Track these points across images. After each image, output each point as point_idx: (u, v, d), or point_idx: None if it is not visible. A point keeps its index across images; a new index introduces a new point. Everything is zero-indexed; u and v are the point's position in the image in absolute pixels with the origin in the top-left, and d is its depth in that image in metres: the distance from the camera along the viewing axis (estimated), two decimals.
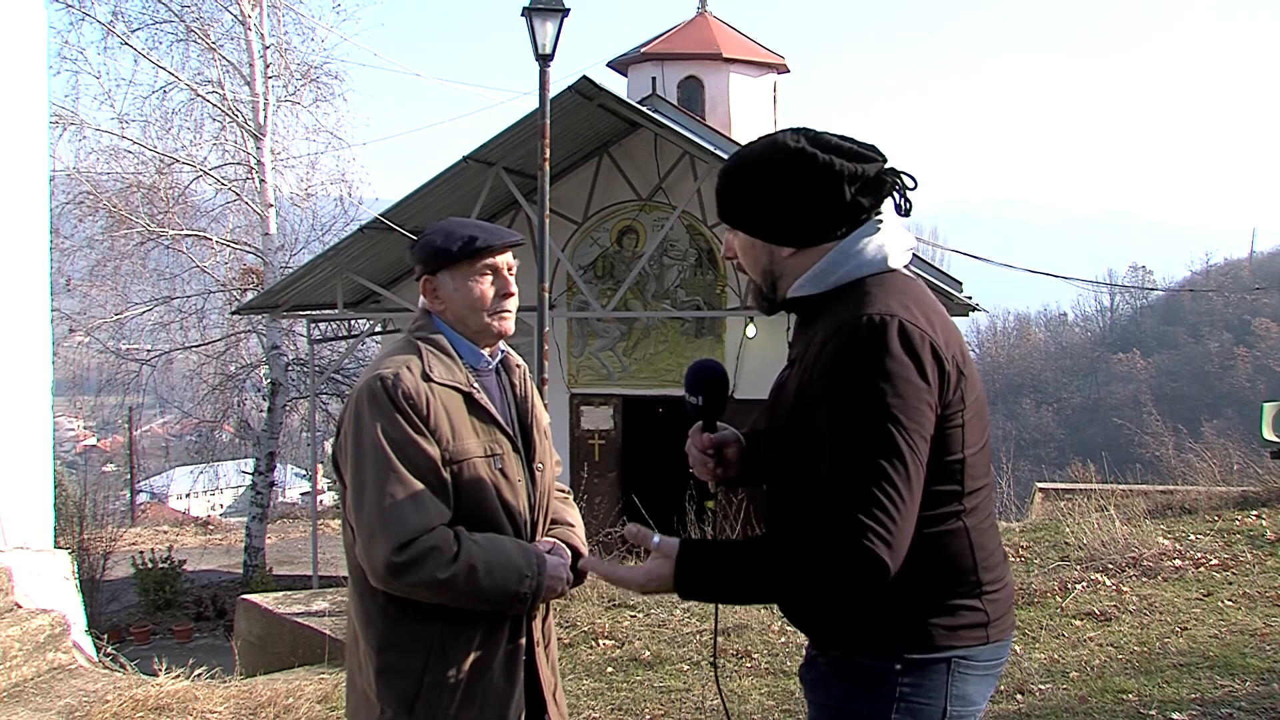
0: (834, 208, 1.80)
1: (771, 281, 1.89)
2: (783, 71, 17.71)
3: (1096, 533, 6.35)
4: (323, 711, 4.35)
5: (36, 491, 5.50)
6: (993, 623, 1.81)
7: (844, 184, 1.78)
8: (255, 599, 6.80)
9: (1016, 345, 73.34)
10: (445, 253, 2.21)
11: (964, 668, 1.78)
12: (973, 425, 1.79)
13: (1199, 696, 4.09)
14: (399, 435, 2.06)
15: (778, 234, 1.85)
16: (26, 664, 4.66)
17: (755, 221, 1.86)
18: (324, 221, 18.31)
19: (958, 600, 1.78)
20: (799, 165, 1.79)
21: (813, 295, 1.83)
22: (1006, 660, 1.92)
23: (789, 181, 1.80)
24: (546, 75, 9.21)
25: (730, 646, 5.10)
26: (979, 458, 1.80)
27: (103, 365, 18.16)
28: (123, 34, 16.22)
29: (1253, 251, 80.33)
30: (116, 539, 14.16)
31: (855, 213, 1.81)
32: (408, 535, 2.02)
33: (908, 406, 1.66)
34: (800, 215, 1.81)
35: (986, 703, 1.88)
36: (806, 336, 1.85)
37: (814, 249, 1.83)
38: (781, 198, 1.81)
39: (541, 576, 2.13)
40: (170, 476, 31.29)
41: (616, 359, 14.36)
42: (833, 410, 1.69)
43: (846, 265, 1.80)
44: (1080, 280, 65.20)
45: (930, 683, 1.77)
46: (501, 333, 2.26)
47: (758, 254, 1.88)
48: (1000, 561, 1.87)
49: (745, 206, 1.86)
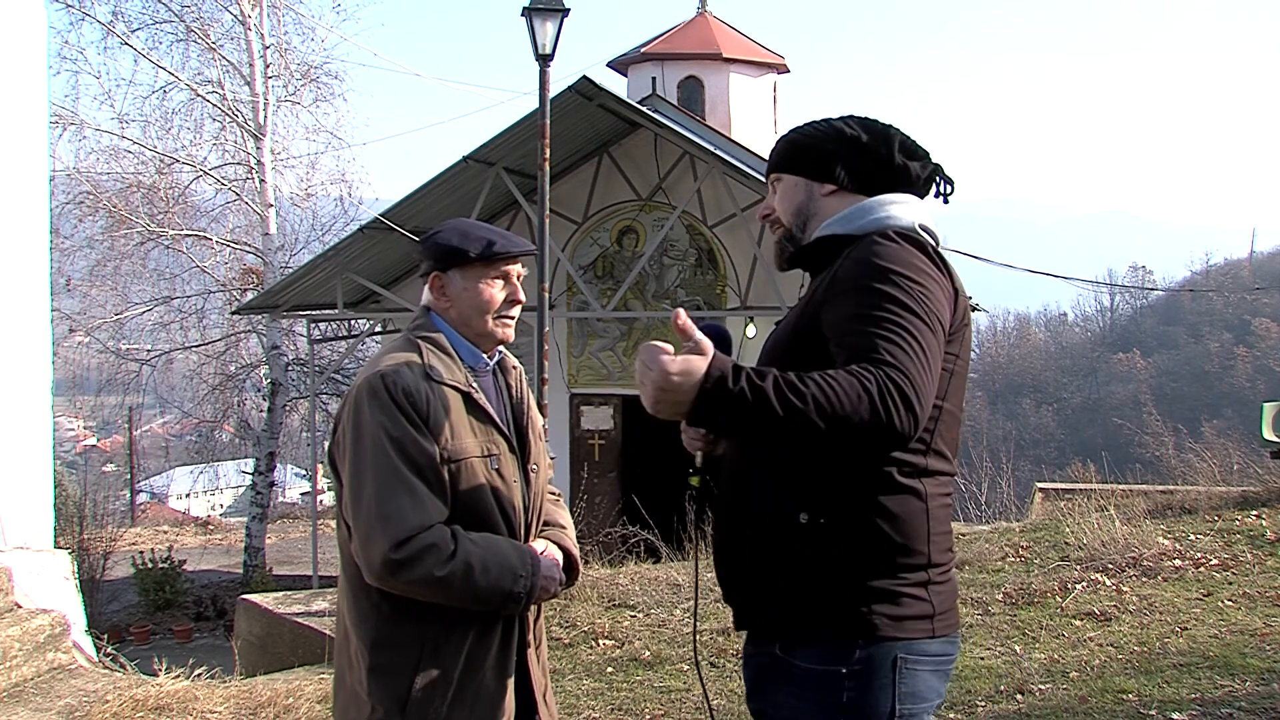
0: (881, 162, 1.92)
1: (803, 220, 1.96)
2: (783, 71, 17.71)
3: (1096, 533, 6.35)
4: (323, 711, 4.35)
5: (36, 491, 5.50)
6: (938, 615, 1.78)
7: (895, 147, 1.93)
8: (255, 599, 6.81)
9: (1016, 345, 73.32)
10: (461, 253, 2.21)
11: (911, 663, 1.74)
12: (956, 383, 1.81)
13: (1199, 696, 4.08)
14: (399, 432, 2.06)
15: (824, 170, 1.94)
16: (26, 664, 4.66)
17: (808, 161, 1.96)
18: (324, 221, 18.33)
19: (902, 587, 1.74)
20: (862, 123, 1.96)
21: (838, 235, 1.88)
22: (956, 657, 1.88)
23: (851, 130, 1.94)
24: (546, 75, 9.21)
25: (730, 646, 5.10)
26: (951, 424, 1.81)
27: (103, 365, 18.15)
28: (123, 34, 16.22)
29: (1253, 251, 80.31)
30: (116, 539, 14.16)
31: (899, 177, 1.93)
32: (406, 533, 2.02)
33: (929, 294, 1.71)
34: (851, 156, 1.92)
35: (940, 699, 1.83)
36: (817, 280, 1.88)
37: (850, 195, 1.92)
38: (839, 142, 1.94)
39: (535, 577, 2.14)
40: (170, 476, 31.28)
41: (616, 359, 14.36)
42: (853, 296, 1.71)
43: (877, 214, 1.87)
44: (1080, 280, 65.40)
45: (877, 682, 1.73)
46: (503, 339, 2.26)
47: (797, 193, 1.97)
48: (949, 549, 1.84)
49: (804, 151, 1.97)
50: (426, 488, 2.06)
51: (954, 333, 1.77)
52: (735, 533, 1.87)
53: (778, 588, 1.78)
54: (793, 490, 1.77)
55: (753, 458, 1.85)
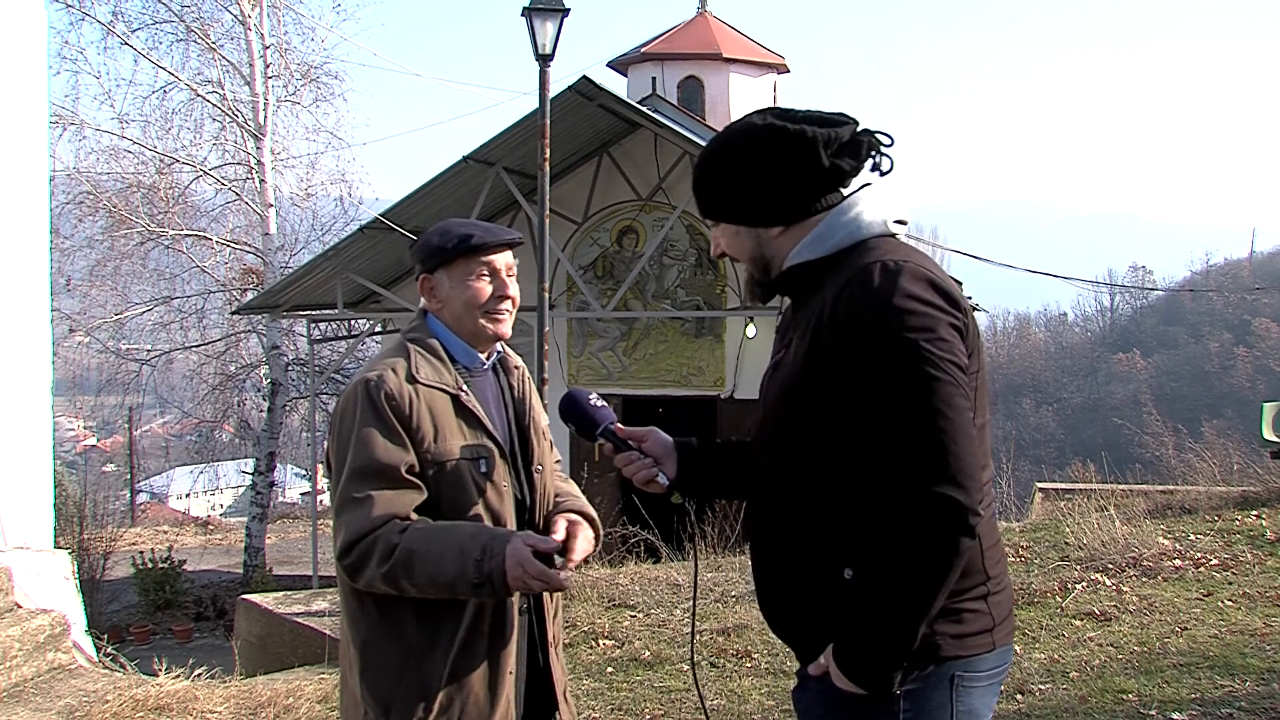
0: (813, 176, 1.75)
1: (764, 265, 1.84)
2: (783, 71, 17.72)
3: (1096, 533, 6.35)
4: (323, 711, 4.35)
5: (36, 491, 5.50)
6: (997, 626, 1.73)
7: (819, 149, 1.73)
8: (255, 599, 6.80)
9: (1016, 345, 73.32)
10: (442, 250, 2.21)
11: (968, 681, 1.69)
12: (979, 395, 1.72)
13: (1199, 696, 4.08)
14: (370, 438, 2.07)
15: (761, 215, 1.79)
16: (26, 664, 4.66)
17: (737, 207, 1.81)
18: (324, 221, 18.35)
19: (963, 603, 1.68)
20: (771, 139, 1.75)
21: (812, 261, 1.77)
22: (1010, 665, 1.83)
23: (764, 157, 1.75)
24: (546, 75, 9.21)
25: (730, 646, 5.10)
26: (982, 435, 1.71)
27: (103, 365, 18.16)
28: (123, 34, 16.23)
29: (1253, 251, 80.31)
30: (116, 539, 14.15)
31: (836, 178, 1.77)
32: (353, 537, 2.04)
33: (943, 341, 1.61)
34: (781, 190, 1.76)
35: (991, 712, 1.78)
36: (808, 309, 1.76)
37: (801, 224, 1.78)
38: (759, 175, 1.76)
39: (493, 560, 2.00)
40: (170, 476, 31.31)
41: (616, 359, 14.36)
42: (861, 364, 1.63)
43: (845, 229, 1.75)
44: (1080, 280, 65.29)
45: (933, 702, 1.68)
46: (497, 335, 2.24)
47: (744, 241, 1.83)
48: (1002, 558, 1.80)
49: (724, 194, 1.81)
50: (390, 490, 2.06)
51: (969, 351, 1.69)
52: (780, 583, 1.81)
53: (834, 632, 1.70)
54: (829, 548, 1.71)
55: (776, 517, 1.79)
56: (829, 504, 1.71)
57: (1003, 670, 1.79)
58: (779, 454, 1.78)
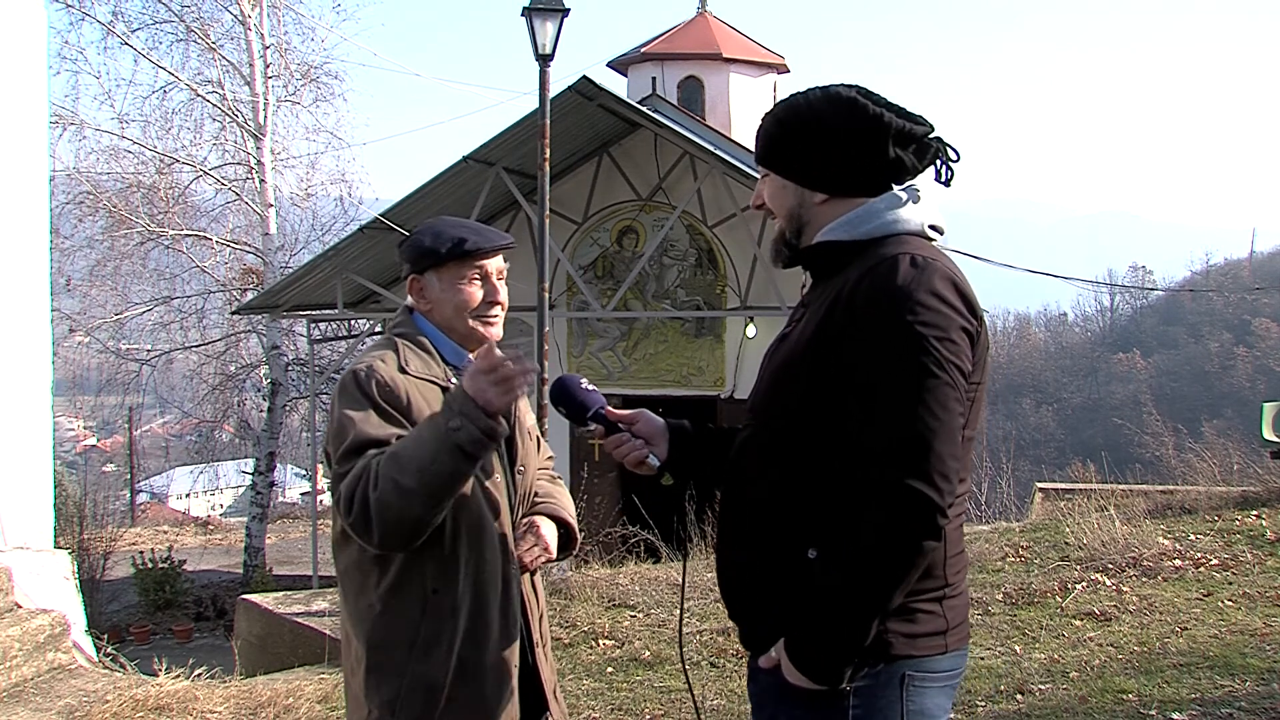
0: (875, 159, 1.79)
1: (798, 227, 1.86)
2: (783, 71, 17.71)
3: (1096, 533, 6.35)
4: (323, 711, 4.35)
5: (36, 491, 5.50)
6: (951, 630, 1.75)
7: (889, 139, 1.77)
8: (255, 599, 6.81)
9: (1016, 345, 73.28)
10: (433, 253, 2.18)
11: (919, 681, 1.71)
12: (975, 410, 1.75)
13: (1199, 696, 4.08)
14: (362, 419, 2.05)
15: (812, 177, 1.82)
16: (26, 664, 4.66)
17: (793, 162, 1.84)
18: (324, 221, 18.33)
19: (918, 603, 1.70)
20: (849, 111, 1.79)
21: (844, 242, 1.79)
22: (964, 670, 1.85)
23: (836, 126, 1.79)
24: (546, 75, 9.20)
25: (730, 646, 5.10)
26: (968, 448, 1.75)
27: (103, 365, 18.15)
28: (123, 34, 16.22)
29: (1253, 251, 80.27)
30: (116, 539, 14.14)
31: (896, 171, 1.80)
32: (349, 490, 1.98)
33: (951, 344, 1.65)
34: (839, 160, 1.79)
35: (946, 715, 1.80)
36: (828, 287, 1.79)
37: (846, 200, 1.81)
38: (824, 138, 1.80)
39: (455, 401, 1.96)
40: (170, 476, 31.30)
41: (616, 359, 14.36)
42: (869, 348, 1.66)
43: (882, 218, 1.79)
44: (1080, 280, 65.35)
45: (883, 700, 1.69)
46: (487, 338, 2.22)
47: (787, 197, 1.86)
48: (964, 568, 1.82)
49: (785, 146, 1.84)
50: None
51: (975, 361, 1.72)
52: (739, 560, 1.84)
53: (785, 614, 1.73)
54: (799, 525, 1.74)
55: (754, 487, 1.82)
56: (806, 480, 1.74)
57: (957, 674, 1.80)
58: (767, 423, 1.81)
